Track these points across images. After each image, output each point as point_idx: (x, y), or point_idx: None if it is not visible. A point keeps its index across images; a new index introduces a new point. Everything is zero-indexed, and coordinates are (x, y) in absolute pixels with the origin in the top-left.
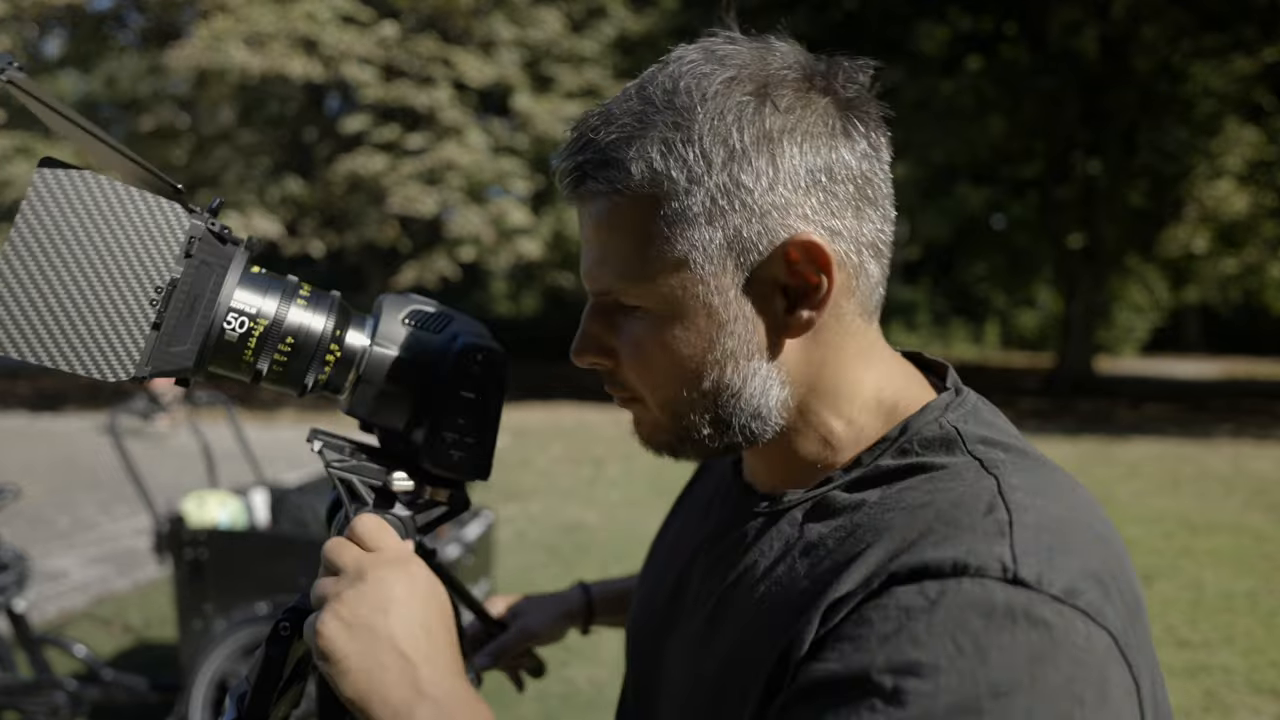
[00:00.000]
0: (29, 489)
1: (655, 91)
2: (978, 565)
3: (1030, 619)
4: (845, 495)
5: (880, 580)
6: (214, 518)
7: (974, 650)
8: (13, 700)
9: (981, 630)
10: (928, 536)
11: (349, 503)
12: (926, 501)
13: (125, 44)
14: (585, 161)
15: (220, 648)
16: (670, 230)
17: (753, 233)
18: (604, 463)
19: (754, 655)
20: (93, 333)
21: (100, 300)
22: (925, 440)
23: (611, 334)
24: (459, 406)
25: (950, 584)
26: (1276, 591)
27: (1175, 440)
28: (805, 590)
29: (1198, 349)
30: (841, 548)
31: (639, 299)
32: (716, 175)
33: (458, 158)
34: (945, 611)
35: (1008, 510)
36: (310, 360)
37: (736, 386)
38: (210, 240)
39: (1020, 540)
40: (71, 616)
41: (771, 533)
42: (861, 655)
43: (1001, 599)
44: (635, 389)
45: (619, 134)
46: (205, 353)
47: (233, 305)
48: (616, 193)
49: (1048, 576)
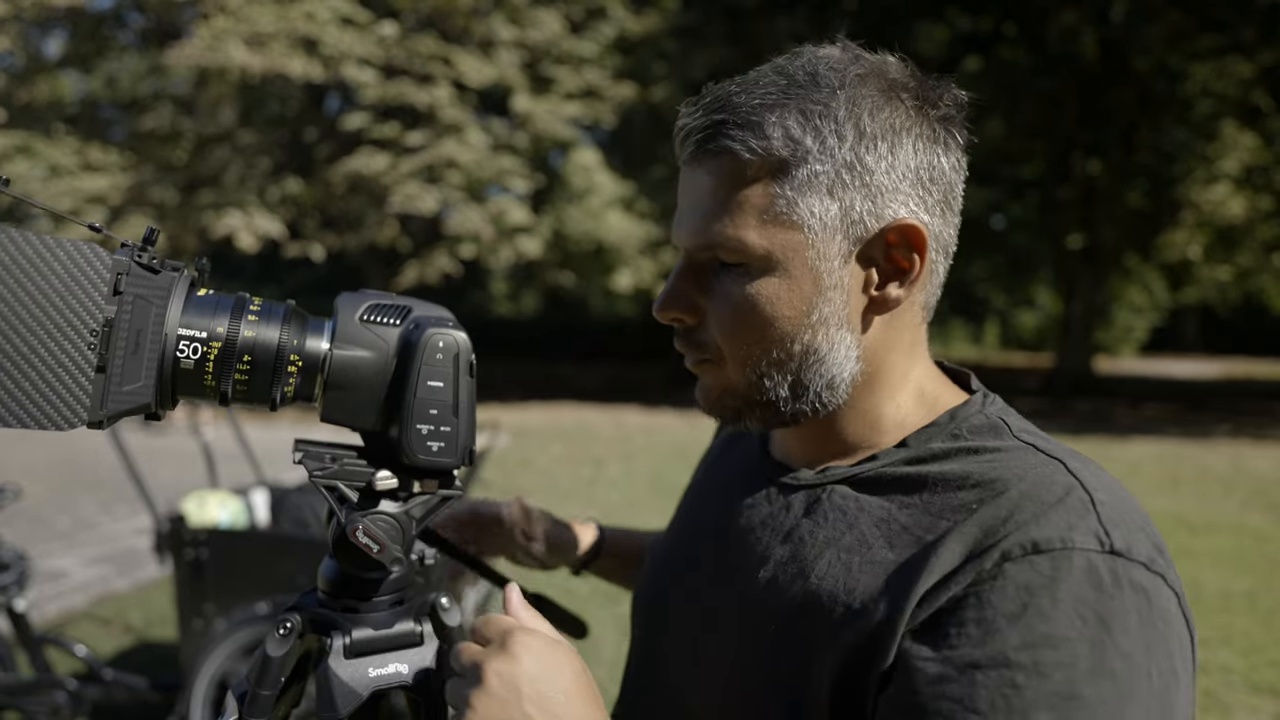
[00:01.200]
0: (30, 489)
1: (796, 71)
2: (1082, 539)
3: (1132, 585)
4: (899, 470)
5: (992, 560)
6: (214, 517)
7: (1095, 619)
8: (14, 700)
9: (1095, 600)
10: (1020, 514)
11: (337, 509)
12: (995, 478)
13: (126, 44)
14: (723, 121)
15: (221, 647)
16: (794, 194)
17: (864, 210)
18: (604, 463)
19: (836, 621)
20: (36, 386)
21: (36, 352)
22: (974, 427)
23: (702, 292)
24: (429, 397)
25: (1061, 558)
26: (1275, 591)
27: (1174, 440)
28: (889, 563)
29: (1196, 349)
30: (919, 524)
31: (747, 257)
32: (845, 152)
33: (457, 155)
34: (1064, 586)
35: (1086, 490)
36: (272, 374)
37: (823, 352)
38: (140, 273)
39: (1105, 516)
40: (72, 616)
41: (824, 504)
42: (995, 638)
43: (1106, 569)
44: (717, 348)
45: (761, 100)
46: (164, 385)
47: (181, 333)
48: (751, 152)
49: (1134, 547)
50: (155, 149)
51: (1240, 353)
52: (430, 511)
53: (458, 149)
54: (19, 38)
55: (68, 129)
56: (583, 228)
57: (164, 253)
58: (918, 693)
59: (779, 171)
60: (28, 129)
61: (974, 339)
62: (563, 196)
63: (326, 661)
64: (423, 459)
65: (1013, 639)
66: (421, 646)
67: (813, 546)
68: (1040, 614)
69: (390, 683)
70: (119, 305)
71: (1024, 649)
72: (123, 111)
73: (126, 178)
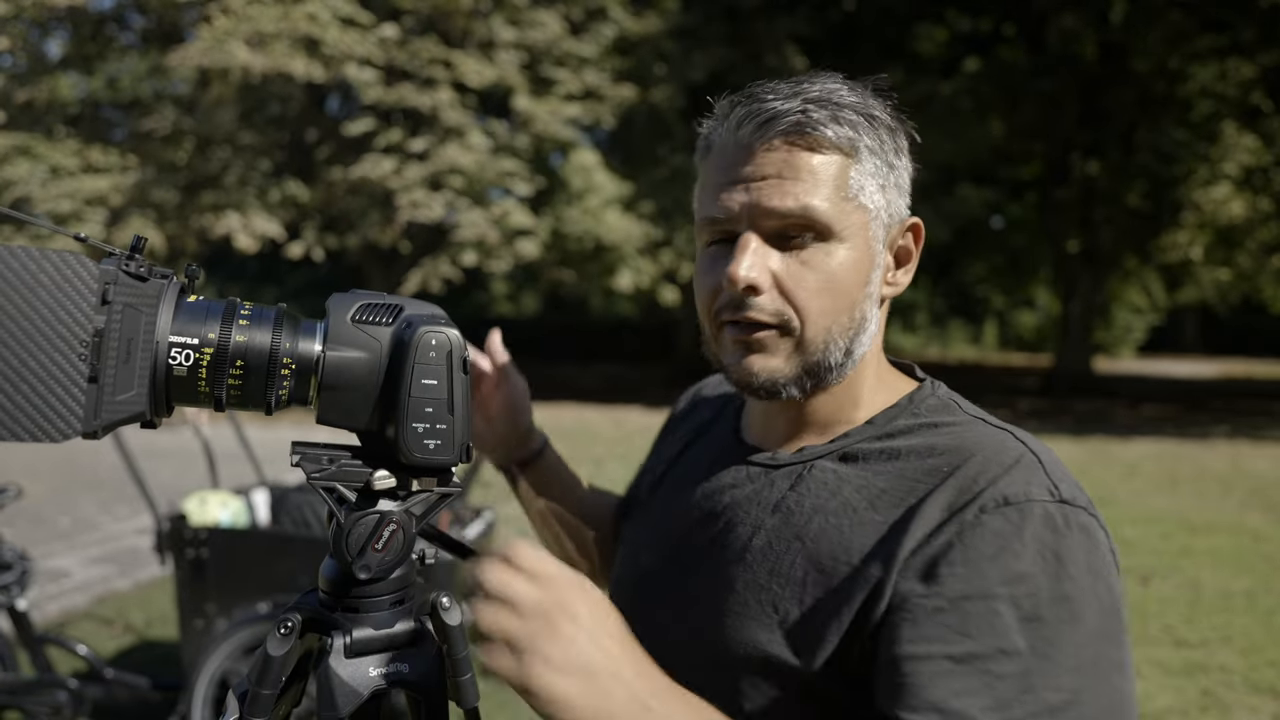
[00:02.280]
0: (31, 489)
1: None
2: (1038, 492)
3: (1079, 526)
4: (872, 445)
5: (972, 513)
6: (215, 517)
7: (1053, 556)
8: (15, 699)
9: (1052, 540)
10: (986, 474)
11: (337, 510)
12: (957, 448)
13: (127, 45)
14: (818, 116)
15: (222, 646)
16: (863, 180)
17: (897, 206)
18: (604, 463)
19: (838, 572)
20: (29, 399)
21: (27, 365)
22: (930, 407)
23: (776, 263)
24: (423, 395)
25: (1025, 508)
26: (1274, 591)
27: (1173, 440)
28: (876, 523)
29: (1195, 349)
30: (898, 488)
31: (833, 228)
32: (889, 154)
33: (460, 159)
34: (1029, 530)
35: (1033, 453)
36: (266, 378)
37: (868, 322)
38: (129, 282)
39: (1051, 473)
40: (73, 616)
41: (807, 478)
42: (978, 576)
43: (1058, 514)
44: (789, 315)
45: (844, 101)
46: (158, 393)
47: (172, 340)
48: (840, 139)
49: (1075, 495)
50: (156, 150)
51: (1239, 353)
52: (430, 510)
53: (460, 152)
54: (20, 38)
55: (68, 130)
56: (581, 228)
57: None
58: (917, 623)
59: (853, 162)
60: (29, 130)
61: (973, 339)
62: (562, 198)
63: (327, 661)
64: (420, 457)
65: (993, 575)
66: (422, 646)
67: (801, 514)
68: (1013, 554)
69: (391, 682)
70: (108, 315)
71: (1002, 583)
72: (124, 112)
73: (127, 179)
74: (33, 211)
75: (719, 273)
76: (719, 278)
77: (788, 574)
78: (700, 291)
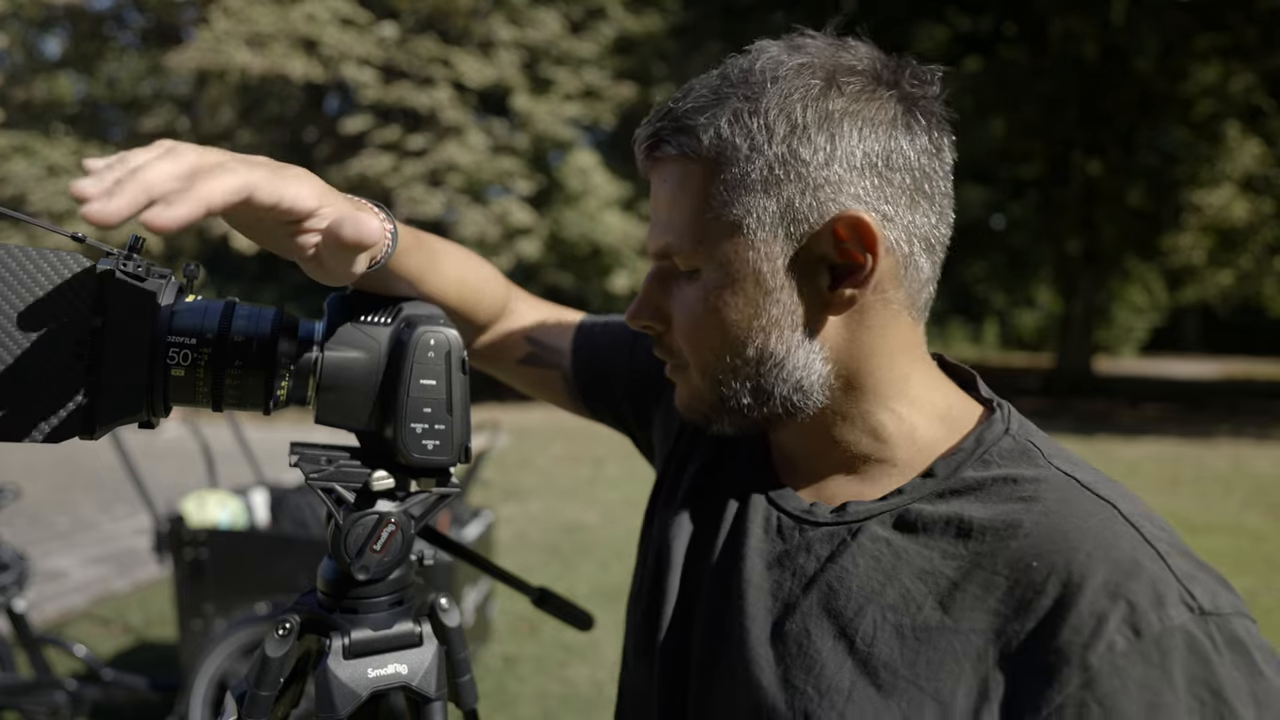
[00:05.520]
0: (29, 489)
1: (732, 71)
2: (1175, 612)
3: (1229, 643)
4: (936, 509)
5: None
6: (214, 518)
7: (1211, 695)
8: (13, 700)
9: (1205, 675)
10: (1106, 592)
11: (335, 511)
12: (1049, 531)
13: (126, 44)
14: (662, 128)
15: (220, 647)
16: (729, 195)
17: (805, 205)
18: (604, 463)
19: (897, 692)
20: (26, 399)
21: (25, 365)
22: (1003, 452)
23: (667, 299)
24: (422, 396)
25: (1165, 640)
26: (1274, 590)
27: (1174, 440)
28: (948, 629)
29: (1196, 349)
30: (975, 583)
31: (694, 261)
32: (776, 146)
33: (458, 157)
34: (1177, 671)
35: (1149, 543)
36: (264, 379)
37: (780, 356)
38: (126, 281)
39: (1179, 570)
40: (71, 616)
41: (855, 548)
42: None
43: (1204, 636)
44: (681, 353)
45: (694, 104)
46: (156, 393)
47: (170, 340)
48: (685, 157)
49: (1216, 597)
50: None
51: (1240, 353)
52: (429, 510)
53: (458, 151)
54: (18, 36)
55: (66, 129)
56: (579, 230)
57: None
58: None
59: (713, 173)
60: (27, 129)
61: (973, 339)
62: (560, 199)
63: (325, 662)
64: (418, 458)
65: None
66: (421, 647)
67: (848, 600)
68: (1167, 710)
69: (389, 683)
70: (105, 315)
71: None
72: (122, 112)
73: None
74: (29, 209)
75: None
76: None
77: (831, 681)
78: None
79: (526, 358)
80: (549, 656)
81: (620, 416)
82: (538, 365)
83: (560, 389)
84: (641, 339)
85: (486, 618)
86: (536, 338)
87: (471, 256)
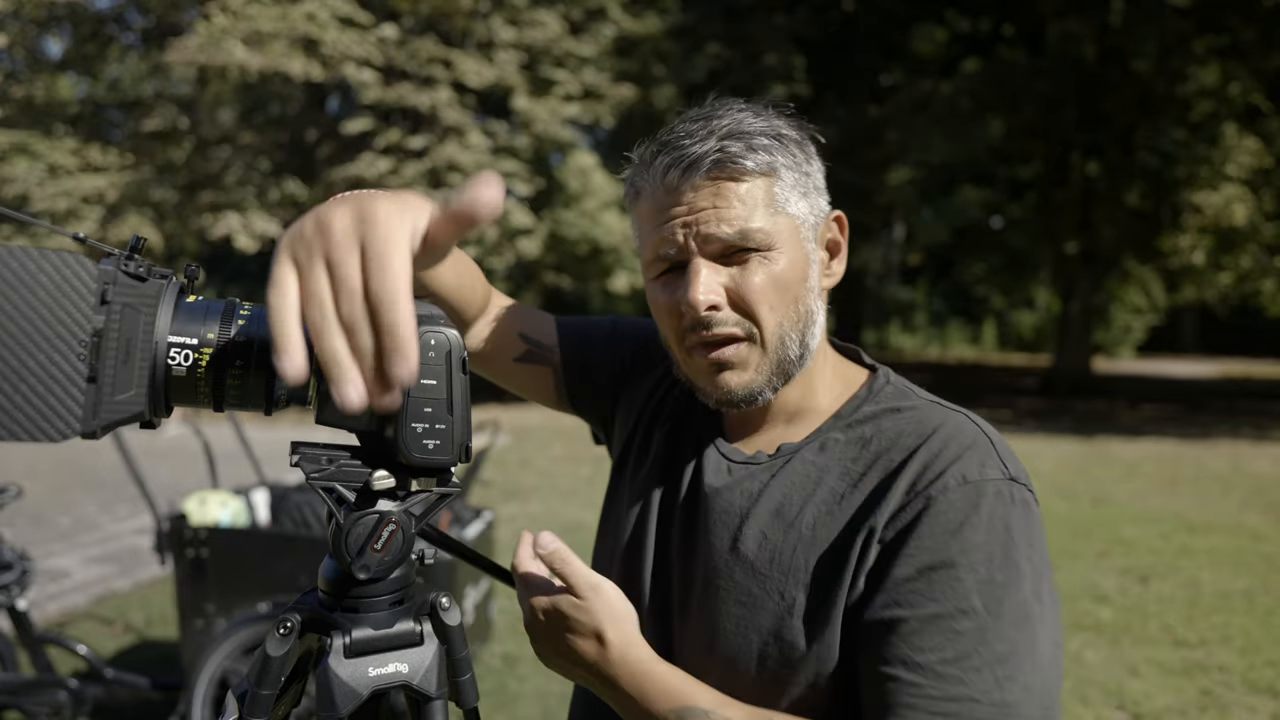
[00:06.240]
0: (31, 489)
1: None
2: (993, 472)
3: (1022, 501)
4: (845, 434)
5: (937, 490)
6: (215, 517)
7: (1003, 527)
8: (15, 699)
9: (1003, 513)
10: (947, 454)
11: (336, 510)
12: (919, 430)
13: (127, 44)
14: (733, 148)
15: (222, 646)
16: (785, 194)
17: (819, 206)
18: (604, 462)
19: (832, 555)
20: (28, 398)
21: (26, 365)
22: (888, 395)
23: (726, 278)
24: (422, 395)
25: (982, 486)
26: (1273, 591)
27: (1173, 440)
28: (858, 502)
29: (1194, 350)
30: (874, 468)
31: (771, 241)
32: (805, 168)
33: (459, 158)
34: (984, 505)
35: (986, 436)
36: (265, 378)
37: (815, 314)
38: (127, 282)
39: (1002, 453)
40: (73, 615)
41: (791, 470)
42: (942, 547)
43: (1008, 491)
44: (749, 323)
45: (749, 130)
46: (157, 393)
47: (171, 340)
48: (760, 165)
49: (1019, 474)
50: (155, 150)
51: (1238, 354)
52: (430, 510)
53: (459, 152)
54: (20, 35)
55: (67, 129)
56: (579, 231)
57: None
58: (889, 590)
59: (774, 179)
60: (28, 129)
61: (972, 339)
62: (560, 200)
63: (326, 661)
64: (419, 457)
65: (955, 546)
66: (421, 646)
67: (791, 506)
68: (972, 527)
69: (390, 682)
70: (107, 315)
71: (962, 553)
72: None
73: (125, 178)
74: (29, 210)
75: (677, 298)
76: (678, 302)
77: (789, 563)
78: (662, 318)
79: (524, 355)
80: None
81: (598, 404)
82: (533, 362)
83: (550, 383)
84: (619, 330)
85: (487, 617)
86: (529, 335)
87: (461, 253)
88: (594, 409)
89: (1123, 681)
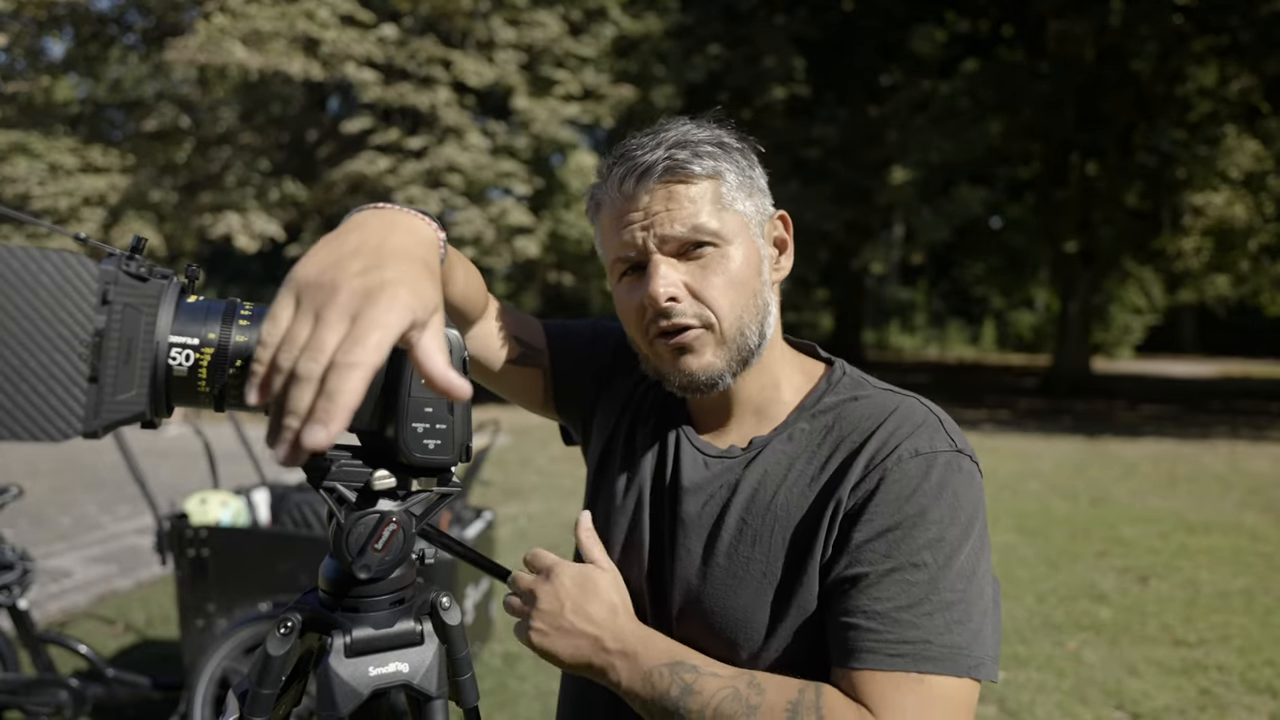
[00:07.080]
0: (32, 488)
1: (702, 135)
2: (941, 444)
3: (966, 470)
4: (810, 424)
5: (892, 463)
6: (216, 517)
7: (950, 494)
8: (16, 698)
9: (951, 481)
10: (900, 432)
11: (337, 510)
12: (876, 414)
13: (128, 45)
14: (680, 155)
15: (223, 646)
16: (733, 196)
17: (763, 206)
18: None
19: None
20: (29, 398)
21: (28, 365)
22: (846, 385)
23: (684, 274)
24: (423, 395)
25: (931, 458)
26: (1272, 590)
27: (1172, 440)
28: (824, 481)
29: (1193, 350)
30: (838, 450)
31: (724, 236)
32: (746, 168)
33: (457, 158)
34: (935, 475)
35: (935, 415)
36: None
37: (769, 305)
38: (129, 282)
39: (949, 430)
40: (74, 615)
41: (764, 460)
42: (896, 512)
43: (955, 462)
44: (708, 313)
45: (695, 138)
46: (158, 393)
47: (172, 340)
48: (706, 172)
49: (964, 447)
50: (156, 150)
51: (1236, 354)
52: (430, 509)
53: (458, 152)
54: (20, 35)
55: (67, 130)
56: (579, 230)
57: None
58: (851, 552)
59: (719, 180)
60: (28, 129)
61: (971, 339)
62: (560, 200)
63: (327, 660)
64: (419, 457)
65: (908, 509)
66: (422, 646)
67: (766, 491)
68: (922, 493)
69: (391, 682)
70: (108, 315)
71: (913, 516)
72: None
73: (125, 178)
74: (30, 209)
75: (639, 295)
76: (640, 299)
77: (768, 542)
78: (628, 317)
79: (519, 358)
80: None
81: (581, 404)
82: (526, 365)
83: (539, 385)
84: (600, 332)
85: (487, 616)
86: (522, 338)
87: (465, 260)
88: (576, 410)
89: (1122, 681)
